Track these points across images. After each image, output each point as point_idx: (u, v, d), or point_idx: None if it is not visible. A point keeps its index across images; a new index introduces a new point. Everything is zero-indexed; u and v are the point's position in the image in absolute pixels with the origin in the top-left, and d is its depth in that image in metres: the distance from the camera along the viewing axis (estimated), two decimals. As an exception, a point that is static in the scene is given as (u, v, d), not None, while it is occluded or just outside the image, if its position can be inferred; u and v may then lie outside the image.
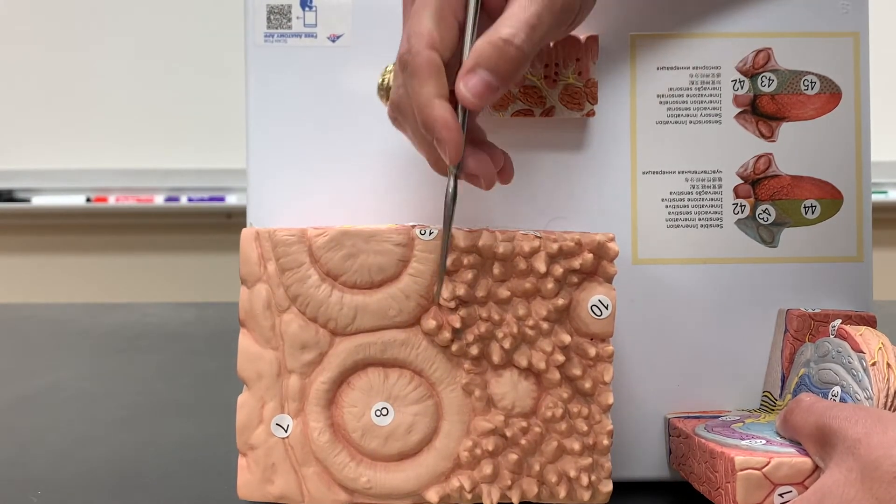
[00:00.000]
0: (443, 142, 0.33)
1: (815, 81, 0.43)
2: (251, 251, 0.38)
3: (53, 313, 1.08)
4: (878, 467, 0.30)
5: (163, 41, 1.67)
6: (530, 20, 0.33)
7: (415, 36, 0.34)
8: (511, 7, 0.34)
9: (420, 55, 0.33)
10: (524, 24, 0.33)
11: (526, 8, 0.33)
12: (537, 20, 0.33)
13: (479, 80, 0.33)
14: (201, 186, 1.68)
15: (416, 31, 0.34)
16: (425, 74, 0.33)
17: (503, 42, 0.33)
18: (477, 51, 0.33)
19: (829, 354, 0.39)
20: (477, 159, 0.36)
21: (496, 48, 0.33)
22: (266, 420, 0.38)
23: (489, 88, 0.33)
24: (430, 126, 0.33)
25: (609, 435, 0.37)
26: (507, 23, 0.33)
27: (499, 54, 0.33)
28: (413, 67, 0.33)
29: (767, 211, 0.43)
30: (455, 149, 0.34)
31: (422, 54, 0.33)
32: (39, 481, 0.45)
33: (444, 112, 0.33)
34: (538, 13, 0.33)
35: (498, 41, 0.33)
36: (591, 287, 0.37)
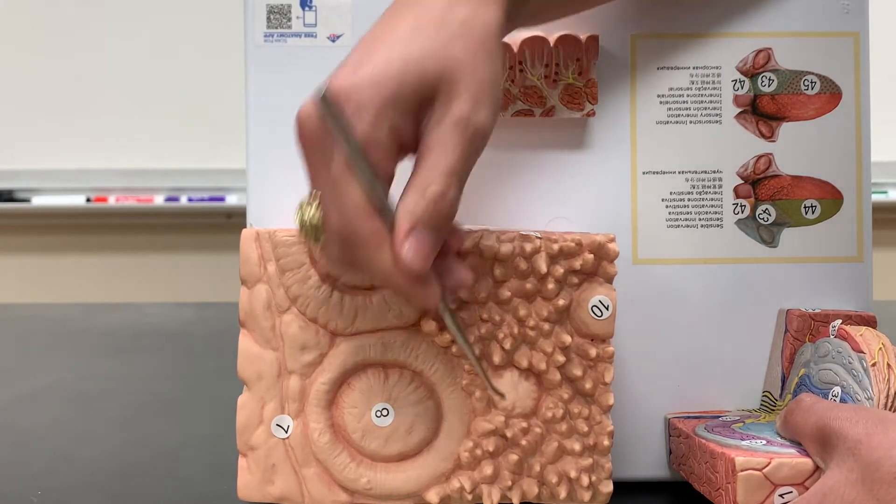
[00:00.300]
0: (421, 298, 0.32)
1: (815, 81, 0.43)
2: (251, 252, 0.38)
3: (53, 313, 1.08)
4: (879, 468, 0.30)
5: (163, 41, 1.67)
6: (455, 167, 0.31)
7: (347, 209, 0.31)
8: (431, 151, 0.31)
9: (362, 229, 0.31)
10: (451, 174, 0.31)
11: (448, 153, 0.31)
12: (462, 164, 0.31)
13: (419, 242, 0.31)
14: (201, 186, 1.68)
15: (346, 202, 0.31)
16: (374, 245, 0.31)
17: (437, 197, 0.31)
18: (409, 209, 0.31)
19: (829, 355, 0.39)
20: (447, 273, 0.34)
21: (430, 204, 0.31)
22: (266, 421, 0.38)
23: (432, 247, 0.31)
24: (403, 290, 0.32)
25: (609, 435, 0.37)
26: (434, 174, 0.31)
27: (434, 210, 0.31)
28: (358, 242, 0.31)
29: (767, 211, 0.43)
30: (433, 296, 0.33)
31: (364, 227, 0.31)
32: (39, 481, 0.45)
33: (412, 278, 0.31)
34: (461, 156, 0.31)
35: (430, 197, 0.31)
36: (591, 287, 0.37)
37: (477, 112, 0.32)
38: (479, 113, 0.32)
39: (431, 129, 0.32)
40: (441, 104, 0.32)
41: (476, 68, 0.32)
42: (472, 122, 0.32)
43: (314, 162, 0.33)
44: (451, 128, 0.31)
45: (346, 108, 0.31)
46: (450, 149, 0.31)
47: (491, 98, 0.32)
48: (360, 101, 0.31)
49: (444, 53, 0.32)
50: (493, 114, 0.33)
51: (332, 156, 0.32)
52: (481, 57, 0.32)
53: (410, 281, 0.32)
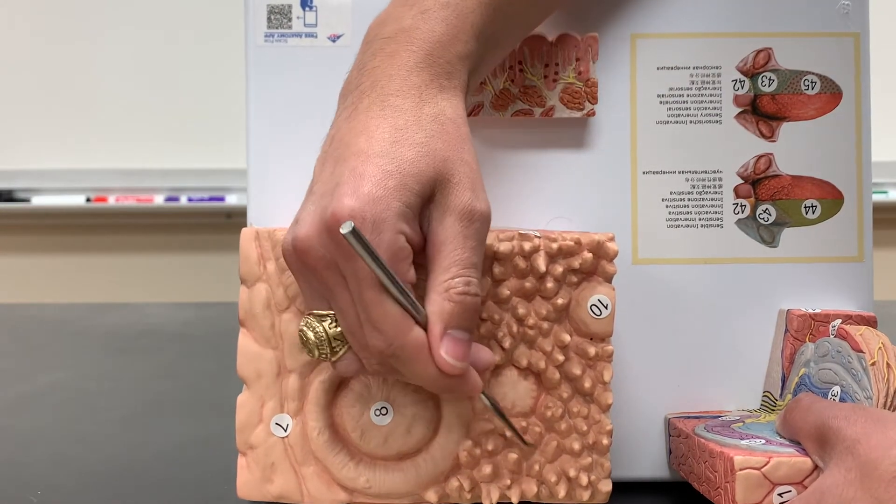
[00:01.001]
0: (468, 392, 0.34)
1: (815, 81, 0.43)
2: (251, 251, 0.38)
3: (53, 313, 1.08)
4: (877, 467, 0.30)
5: (163, 41, 1.67)
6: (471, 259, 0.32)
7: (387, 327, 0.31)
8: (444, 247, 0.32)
9: (407, 345, 0.31)
10: (469, 266, 0.32)
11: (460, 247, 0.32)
12: (477, 256, 0.32)
13: (455, 343, 0.32)
14: (201, 186, 1.68)
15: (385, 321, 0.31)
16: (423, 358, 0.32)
17: (461, 295, 0.32)
18: (438, 312, 0.32)
19: (829, 354, 0.39)
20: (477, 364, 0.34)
21: (457, 304, 0.32)
22: (266, 419, 0.37)
23: (467, 345, 0.32)
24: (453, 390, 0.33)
25: (608, 434, 0.37)
26: (453, 272, 0.31)
27: (462, 309, 0.32)
28: (406, 358, 0.32)
29: (768, 211, 0.43)
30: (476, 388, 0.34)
31: (408, 343, 0.31)
32: (39, 481, 0.45)
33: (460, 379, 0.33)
34: (474, 248, 0.32)
35: (455, 296, 0.31)
36: (590, 287, 0.37)
37: (477, 199, 0.32)
38: (479, 200, 0.32)
39: (437, 226, 0.32)
40: (441, 199, 0.32)
41: (463, 158, 0.33)
42: (476, 210, 0.32)
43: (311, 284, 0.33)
44: (457, 221, 0.32)
45: (363, 230, 0.30)
46: (461, 242, 0.32)
47: (481, 182, 0.33)
48: (374, 220, 0.31)
49: (431, 153, 0.32)
50: (486, 195, 0.33)
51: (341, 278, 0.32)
52: (462, 146, 0.33)
53: (455, 380, 0.32)
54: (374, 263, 0.30)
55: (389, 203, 0.31)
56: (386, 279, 0.31)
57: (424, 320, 0.32)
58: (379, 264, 0.30)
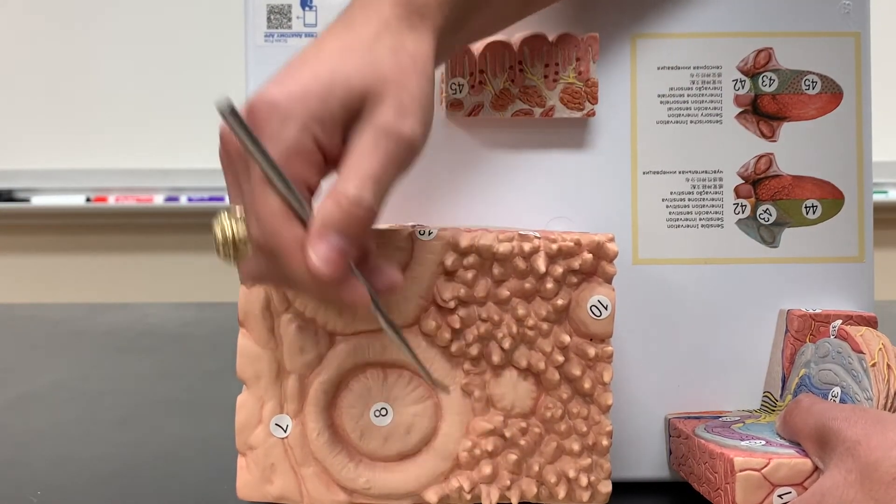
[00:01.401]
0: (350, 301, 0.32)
1: (816, 81, 0.43)
2: (250, 251, 0.38)
3: (53, 313, 1.08)
4: (878, 468, 0.30)
5: (163, 41, 1.67)
6: (375, 173, 0.31)
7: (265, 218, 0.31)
8: (351, 156, 0.31)
9: (283, 237, 0.31)
10: (367, 178, 0.31)
11: (368, 160, 0.31)
12: (383, 171, 0.31)
13: (329, 246, 0.30)
14: (201, 186, 1.68)
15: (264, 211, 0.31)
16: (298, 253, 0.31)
17: (350, 204, 0.30)
18: (323, 213, 0.31)
19: (829, 355, 0.39)
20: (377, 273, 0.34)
21: (344, 211, 0.30)
22: (265, 420, 0.37)
23: (342, 254, 0.31)
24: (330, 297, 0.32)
25: (608, 435, 0.37)
26: (351, 178, 0.31)
27: (347, 217, 0.31)
28: (281, 252, 0.31)
29: (768, 211, 0.43)
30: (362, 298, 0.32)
31: (284, 235, 0.31)
32: (39, 481, 0.45)
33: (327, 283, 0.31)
34: (381, 164, 0.31)
35: (345, 202, 0.30)
36: (590, 287, 0.37)
37: (402, 121, 0.32)
38: (404, 122, 0.32)
39: (353, 138, 0.32)
40: (366, 114, 0.32)
41: (403, 83, 0.32)
42: (395, 130, 0.31)
43: (234, 177, 0.33)
44: (372, 134, 0.31)
45: (271, 119, 0.31)
46: (368, 154, 0.31)
47: (419, 111, 0.32)
48: (285, 113, 0.31)
49: (371, 70, 0.32)
50: (421, 126, 0.32)
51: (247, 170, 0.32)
52: (410, 74, 0.32)
53: (326, 286, 0.31)
54: (252, 147, 0.30)
55: (308, 102, 0.31)
56: (269, 169, 0.30)
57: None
58: (260, 151, 0.30)
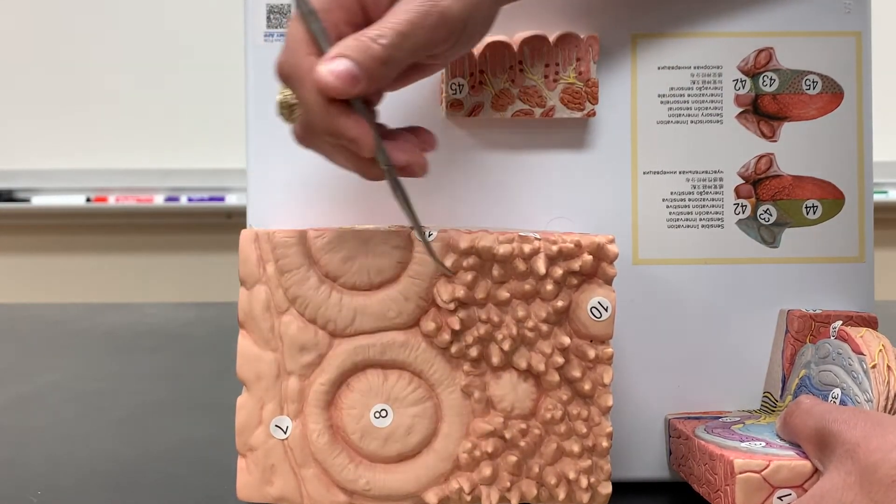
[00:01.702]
0: (354, 140, 0.33)
1: (816, 81, 0.43)
2: (250, 253, 0.38)
3: (53, 313, 1.08)
4: (877, 471, 0.29)
5: (163, 41, 1.67)
6: (398, 26, 0.33)
7: (291, 45, 0.33)
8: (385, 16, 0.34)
9: (300, 64, 0.33)
10: (391, 28, 0.33)
11: (397, 16, 0.33)
12: (408, 27, 0.33)
13: (339, 64, 0.32)
14: (201, 186, 1.68)
15: (291, 39, 0.33)
16: (309, 77, 0.32)
17: (368, 38, 0.33)
18: (342, 42, 0.33)
19: (829, 356, 0.39)
20: (399, 148, 0.35)
21: (360, 42, 0.33)
22: (265, 421, 0.37)
23: (351, 74, 0.32)
24: (333, 128, 0.33)
25: (608, 437, 0.37)
26: (376, 26, 0.33)
27: (363, 48, 0.33)
28: (297, 77, 0.33)
29: (769, 211, 0.43)
30: (366, 138, 0.33)
31: (302, 62, 0.33)
32: (39, 481, 0.45)
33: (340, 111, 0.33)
34: (409, 21, 0.33)
35: (362, 37, 0.33)
36: (590, 289, 0.37)
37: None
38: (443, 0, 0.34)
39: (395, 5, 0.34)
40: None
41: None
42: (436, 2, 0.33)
43: None
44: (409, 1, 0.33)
45: None
46: (400, 13, 0.33)
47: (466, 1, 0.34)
48: None
49: None
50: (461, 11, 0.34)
51: None
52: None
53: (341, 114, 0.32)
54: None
55: None
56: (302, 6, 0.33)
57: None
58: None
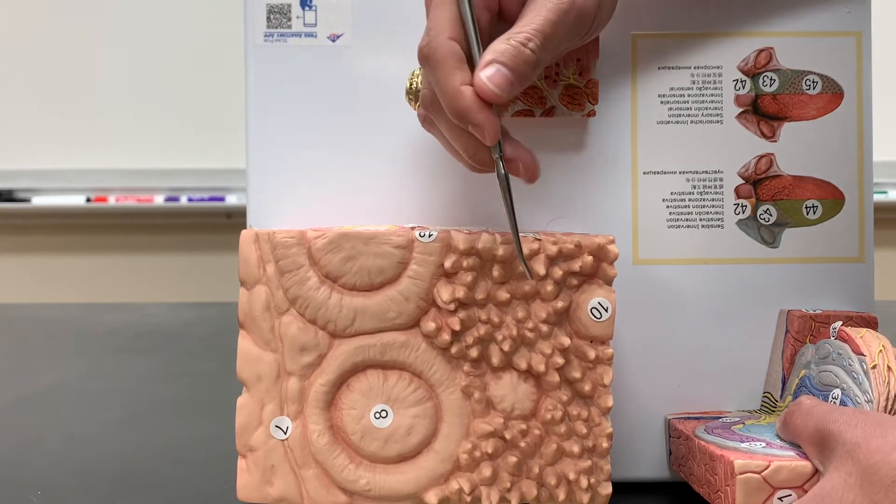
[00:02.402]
0: (479, 125, 0.34)
1: (816, 81, 0.43)
2: (250, 253, 0.38)
3: (53, 313, 1.08)
4: (877, 471, 0.29)
5: (163, 41, 1.67)
6: (544, 28, 0.34)
7: (434, 28, 0.34)
8: (526, 14, 0.35)
9: (441, 47, 0.34)
10: (538, 31, 0.34)
11: (541, 16, 0.35)
12: (551, 29, 0.35)
13: (497, 71, 0.34)
14: (201, 186, 1.68)
15: (435, 23, 0.34)
16: (449, 65, 0.34)
17: (520, 43, 0.34)
18: (494, 48, 0.34)
19: (829, 356, 0.39)
20: (512, 145, 0.36)
21: (513, 47, 0.34)
22: (265, 422, 0.37)
23: (507, 81, 0.34)
24: (463, 113, 0.34)
25: (608, 437, 0.37)
26: (523, 28, 0.34)
27: (516, 52, 0.34)
28: (435, 59, 0.34)
29: (769, 211, 0.43)
30: (493, 128, 0.34)
31: (442, 46, 0.34)
32: (39, 481, 0.45)
33: (474, 97, 0.34)
34: (552, 21, 0.35)
35: (514, 42, 0.34)
36: (590, 289, 0.37)
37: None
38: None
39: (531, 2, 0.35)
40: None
41: None
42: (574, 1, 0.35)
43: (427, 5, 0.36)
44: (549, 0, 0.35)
45: None
46: (542, 13, 0.35)
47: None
48: None
49: None
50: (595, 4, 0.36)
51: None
52: None
53: (475, 101, 0.34)
54: None
55: None
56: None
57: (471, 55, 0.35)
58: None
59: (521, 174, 0.37)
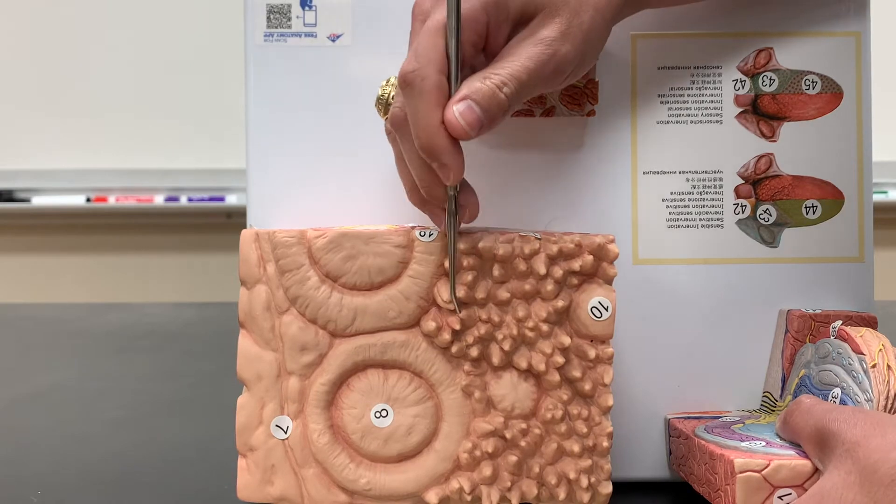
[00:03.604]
0: (447, 167, 0.34)
1: (816, 81, 0.43)
2: (251, 253, 0.38)
3: (53, 313, 1.08)
4: (877, 470, 0.29)
5: (163, 41, 1.67)
6: (520, 75, 0.34)
7: (424, 56, 0.34)
8: (507, 55, 0.35)
9: (429, 78, 0.33)
10: (514, 77, 0.34)
11: (520, 62, 0.34)
12: (528, 77, 0.34)
13: (469, 109, 0.33)
14: (201, 186, 1.68)
15: (425, 52, 0.34)
16: (434, 99, 0.33)
17: (494, 86, 0.34)
18: (470, 84, 0.34)
19: (829, 356, 0.39)
20: (465, 191, 0.36)
21: (488, 88, 0.34)
22: (266, 421, 0.37)
23: (477, 120, 0.33)
24: (435, 152, 0.34)
25: (609, 437, 0.37)
26: (501, 70, 0.34)
27: (490, 94, 0.34)
28: (420, 89, 0.33)
29: (768, 211, 0.43)
30: (458, 171, 0.34)
31: (430, 77, 0.33)
32: (39, 481, 0.45)
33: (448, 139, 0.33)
34: (530, 70, 0.34)
35: (489, 83, 0.34)
36: (590, 289, 0.37)
37: (562, 42, 0.35)
38: (563, 44, 0.35)
39: (515, 41, 0.35)
40: (535, 25, 0.35)
41: (579, 12, 0.35)
42: (553, 47, 0.35)
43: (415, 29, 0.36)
44: (532, 43, 0.35)
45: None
46: (522, 59, 0.34)
47: (581, 42, 0.35)
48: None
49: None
50: (578, 53, 0.36)
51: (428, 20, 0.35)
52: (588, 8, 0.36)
53: (448, 143, 0.33)
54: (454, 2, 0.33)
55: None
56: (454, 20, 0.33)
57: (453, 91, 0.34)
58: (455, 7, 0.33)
59: (464, 218, 0.37)
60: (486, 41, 0.35)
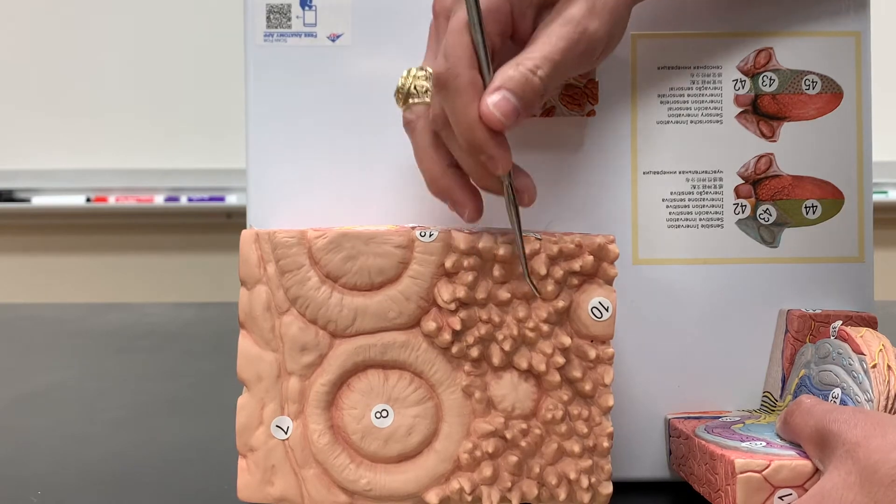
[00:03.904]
0: (494, 159, 0.34)
1: (816, 81, 0.43)
2: (251, 253, 0.38)
3: (53, 313, 1.08)
4: (877, 471, 0.29)
5: (163, 41, 1.67)
6: (553, 56, 0.34)
7: (454, 56, 0.34)
8: (537, 39, 0.35)
9: (462, 76, 0.34)
10: (547, 59, 0.34)
11: (551, 43, 0.34)
12: (560, 56, 0.34)
13: (504, 100, 0.33)
14: (201, 186, 1.68)
15: (454, 50, 0.34)
16: (470, 95, 0.34)
17: (528, 71, 0.34)
18: (503, 73, 0.34)
19: (829, 356, 0.39)
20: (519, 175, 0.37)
21: (521, 75, 0.34)
22: (266, 422, 0.37)
23: (513, 110, 0.34)
24: (479, 145, 0.34)
25: (609, 437, 0.37)
26: (532, 54, 0.34)
27: (524, 80, 0.34)
28: (455, 87, 0.34)
29: (768, 211, 0.43)
30: (506, 161, 0.34)
31: (464, 75, 0.34)
32: (39, 481, 0.45)
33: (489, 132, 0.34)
34: (562, 50, 0.34)
35: (523, 69, 0.34)
36: (591, 289, 0.37)
37: (590, 19, 0.35)
38: (591, 21, 0.35)
39: (543, 25, 0.35)
40: (558, 7, 0.35)
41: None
42: (581, 25, 0.35)
43: (436, 28, 0.37)
44: (560, 23, 0.35)
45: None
46: (553, 40, 0.34)
47: (608, 16, 0.36)
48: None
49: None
50: (606, 31, 0.36)
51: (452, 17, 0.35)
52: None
53: (489, 135, 0.34)
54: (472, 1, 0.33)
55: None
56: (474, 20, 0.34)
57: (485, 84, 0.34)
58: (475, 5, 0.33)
59: (523, 202, 0.37)
60: (513, 29, 0.36)
